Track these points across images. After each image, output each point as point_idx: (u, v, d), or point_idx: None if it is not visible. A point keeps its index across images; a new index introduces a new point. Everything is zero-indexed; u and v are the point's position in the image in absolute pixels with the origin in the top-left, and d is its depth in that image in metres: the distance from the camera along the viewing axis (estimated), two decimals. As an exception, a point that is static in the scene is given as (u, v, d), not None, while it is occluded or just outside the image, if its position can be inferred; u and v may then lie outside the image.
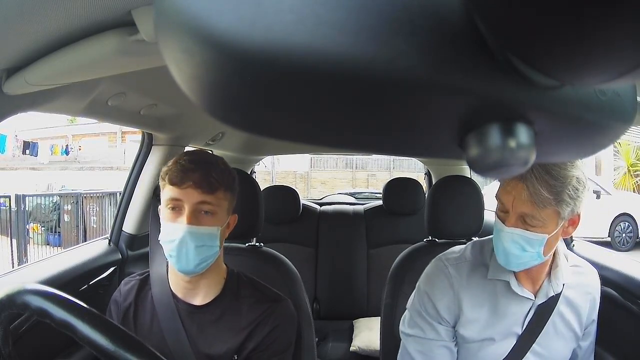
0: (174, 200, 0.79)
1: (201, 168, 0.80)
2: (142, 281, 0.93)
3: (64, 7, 0.53)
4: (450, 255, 0.93)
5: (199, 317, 0.87)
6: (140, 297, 0.90)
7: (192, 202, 0.79)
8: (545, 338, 0.86)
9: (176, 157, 0.84)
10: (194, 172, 0.79)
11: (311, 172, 13.56)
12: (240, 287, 0.90)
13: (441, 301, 0.87)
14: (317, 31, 0.14)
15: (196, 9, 0.14)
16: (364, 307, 2.04)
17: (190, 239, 0.78)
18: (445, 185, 1.23)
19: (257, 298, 0.89)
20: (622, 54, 0.14)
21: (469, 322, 0.87)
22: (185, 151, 0.87)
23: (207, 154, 0.87)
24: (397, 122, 0.19)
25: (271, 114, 0.18)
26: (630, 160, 9.68)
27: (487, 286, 0.87)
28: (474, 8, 0.16)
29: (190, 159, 0.81)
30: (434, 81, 0.16)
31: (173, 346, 0.84)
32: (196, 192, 0.79)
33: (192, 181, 0.78)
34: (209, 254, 0.81)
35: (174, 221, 0.80)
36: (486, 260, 0.88)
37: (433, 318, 0.88)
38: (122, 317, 0.89)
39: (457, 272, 0.88)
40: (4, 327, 0.62)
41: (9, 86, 0.69)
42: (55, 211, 6.83)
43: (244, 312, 0.87)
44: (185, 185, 0.78)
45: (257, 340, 0.85)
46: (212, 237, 0.81)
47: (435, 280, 0.89)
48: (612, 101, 0.21)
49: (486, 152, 0.18)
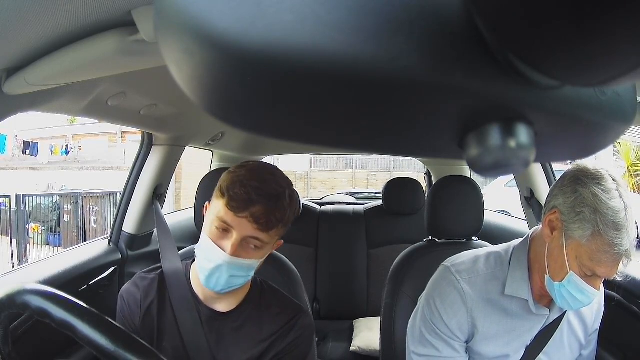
0: (225, 223, 0.73)
1: (265, 203, 0.72)
2: (160, 276, 0.88)
3: (64, 7, 0.53)
4: (460, 267, 0.87)
5: (219, 324, 0.84)
6: (162, 294, 0.86)
7: (243, 234, 0.73)
8: (552, 347, 0.85)
9: (244, 172, 0.75)
10: (256, 205, 0.72)
11: (311, 172, 13.56)
12: (262, 296, 0.88)
13: (454, 319, 0.84)
14: (316, 31, 0.14)
15: (196, 9, 0.14)
16: (364, 307, 2.04)
17: (227, 269, 0.74)
18: (445, 185, 1.23)
19: (280, 309, 0.86)
20: (621, 54, 0.14)
21: (485, 339, 0.84)
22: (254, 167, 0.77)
23: (280, 185, 0.76)
24: (397, 122, 0.19)
25: (271, 113, 0.18)
26: (630, 160, 9.68)
27: (502, 302, 0.83)
28: (474, 8, 0.16)
29: (258, 187, 0.72)
30: (433, 81, 0.16)
31: (192, 351, 0.82)
32: (251, 225, 0.72)
33: (251, 214, 0.71)
34: (240, 283, 0.78)
35: (217, 242, 0.75)
36: (502, 274, 0.84)
37: (447, 335, 0.85)
38: (144, 313, 0.84)
39: (471, 288, 0.84)
40: (4, 327, 0.62)
41: (9, 86, 0.69)
42: (55, 211, 6.83)
43: (266, 324, 0.84)
44: (243, 216, 0.72)
45: (276, 350, 0.84)
46: (250, 269, 0.78)
47: (447, 297, 0.85)
48: (612, 101, 0.21)
49: (486, 152, 0.18)
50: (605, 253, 0.70)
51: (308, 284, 1.94)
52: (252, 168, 0.76)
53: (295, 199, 0.79)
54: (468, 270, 0.86)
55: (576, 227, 0.72)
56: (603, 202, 0.70)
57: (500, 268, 0.85)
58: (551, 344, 0.85)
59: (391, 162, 12.66)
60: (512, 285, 0.82)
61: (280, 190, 0.75)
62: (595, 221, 0.70)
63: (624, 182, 0.76)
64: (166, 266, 0.90)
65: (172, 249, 1.00)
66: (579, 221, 0.72)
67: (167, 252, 0.98)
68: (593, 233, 0.70)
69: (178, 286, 0.86)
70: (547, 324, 0.84)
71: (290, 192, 0.78)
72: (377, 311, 1.29)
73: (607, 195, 0.71)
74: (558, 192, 0.77)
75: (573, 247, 0.73)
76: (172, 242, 1.06)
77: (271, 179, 0.75)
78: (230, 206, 0.72)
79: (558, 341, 0.86)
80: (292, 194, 0.78)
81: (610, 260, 0.71)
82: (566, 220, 0.74)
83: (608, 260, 0.71)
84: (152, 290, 0.85)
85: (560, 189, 0.77)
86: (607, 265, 0.71)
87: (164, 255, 0.96)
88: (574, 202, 0.73)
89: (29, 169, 11.10)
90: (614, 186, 0.72)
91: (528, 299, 0.81)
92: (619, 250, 0.69)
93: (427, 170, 2.56)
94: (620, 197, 0.71)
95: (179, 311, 0.83)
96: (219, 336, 0.83)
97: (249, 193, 0.72)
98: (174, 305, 0.84)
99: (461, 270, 0.86)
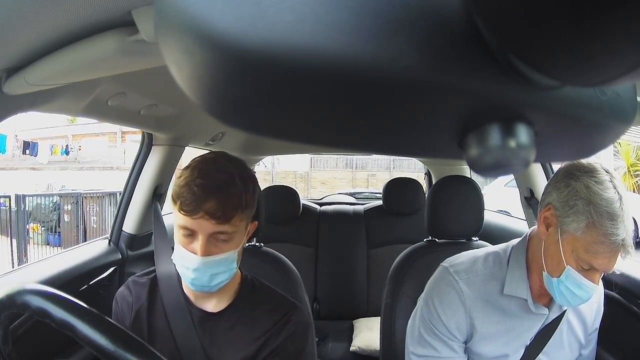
0: (187, 229, 0.73)
1: (215, 196, 0.71)
2: (152, 280, 0.89)
3: (64, 7, 0.53)
4: (459, 267, 0.87)
5: (212, 324, 0.84)
6: (153, 297, 0.87)
7: (206, 233, 0.73)
8: (551, 347, 0.85)
9: (188, 173, 0.74)
10: (207, 202, 0.70)
11: (311, 172, 13.57)
12: (254, 293, 0.87)
13: (452, 319, 0.84)
14: (316, 31, 0.14)
15: (196, 9, 0.14)
16: (364, 307, 2.04)
17: (205, 269, 0.74)
18: (445, 185, 1.23)
19: (272, 306, 0.86)
20: (621, 54, 0.14)
21: (484, 339, 0.84)
22: (197, 164, 0.75)
23: (226, 171, 0.74)
24: (397, 122, 0.19)
25: (271, 113, 0.18)
26: (630, 160, 9.68)
27: (501, 302, 0.83)
28: (474, 8, 0.16)
29: (203, 184, 0.71)
30: (433, 81, 0.16)
31: (185, 353, 0.82)
32: (210, 223, 0.71)
33: (205, 212, 0.70)
34: (225, 278, 0.78)
35: (187, 247, 0.75)
36: (501, 273, 0.84)
37: (445, 335, 0.84)
38: (133, 317, 0.85)
39: (469, 288, 0.84)
40: (4, 327, 0.62)
41: (9, 86, 0.69)
42: (55, 211, 6.84)
43: (259, 321, 0.84)
44: (198, 216, 0.71)
45: (271, 348, 0.84)
46: (228, 262, 0.77)
47: (445, 298, 0.85)
48: (612, 101, 0.21)
49: (486, 152, 0.18)
50: (601, 244, 0.70)
51: (308, 284, 1.94)
52: (194, 165, 0.75)
53: (249, 178, 0.76)
54: (466, 270, 0.86)
55: (570, 220, 0.72)
56: (596, 193, 0.70)
57: (498, 268, 0.85)
58: (551, 344, 0.84)
59: (391, 162, 12.66)
60: (511, 284, 0.82)
61: (226, 177, 0.73)
62: (589, 212, 0.70)
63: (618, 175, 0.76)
64: (159, 269, 0.90)
65: (166, 251, 1.00)
66: (573, 214, 0.72)
67: (162, 254, 0.97)
68: (587, 224, 0.70)
69: (170, 289, 0.86)
70: (546, 324, 0.84)
71: (240, 173, 0.75)
72: (377, 311, 1.29)
73: (600, 186, 0.71)
74: (552, 189, 0.77)
75: (569, 240, 0.73)
76: (168, 244, 1.05)
77: (214, 169, 0.74)
78: (184, 211, 0.71)
79: (557, 341, 0.85)
80: (243, 175, 0.75)
81: (607, 252, 0.70)
82: (560, 214, 0.74)
83: (604, 251, 0.70)
84: (143, 294, 0.86)
85: (553, 186, 0.77)
86: (604, 256, 0.71)
87: (158, 258, 0.96)
88: (567, 196, 0.73)
89: (29, 169, 11.11)
90: (607, 177, 0.72)
91: (527, 298, 0.81)
92: (614, 240, 0.69)
93: (427, 170, 2.56)
94: (614, 188, 0.71)
95: (171, 314, 0.84)
96: (213, 336, 0.84)
97: (195, 193, 0.71)
98: (166, 308, 0.85)
99: (459, 270, 0.86)
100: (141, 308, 0.86)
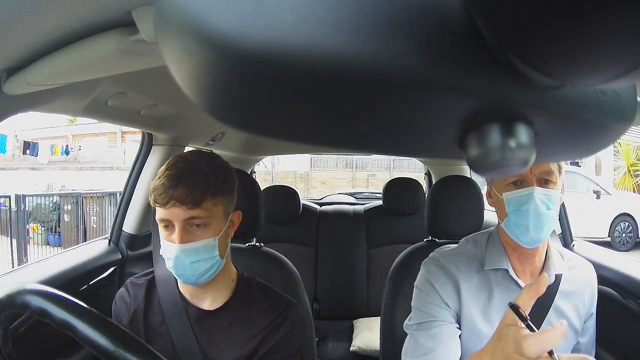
0: (163, 220, 0.77)
1: (183, 183, 0.75)
2: (150, 281, 0.91)
3: (64, 7, 0.53)
4: (444, 250, 0.94)
5: (209, 322, 0.85)
6: (150, 298, 0.88)
7: (179, 220, 0.76)
8: None
9: (162, 169, 0.79)
10: (176, 189, 0.75)
11: (311, 172, 13.57)
12: (250, 291, 0.88)
13: (443, 287, 0.88)
14: (317, 31, 0.14)
15: (196, 8, 0.14)
16: (364, 307, 2.04)
17: (184, 257, 0.76)
18: (445, 185, 1.23)
19: (269, 304, 0.87)
20: (622, 54, 0.14)
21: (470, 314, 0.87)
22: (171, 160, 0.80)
23: (191, 161, 0.79)
24: (397, 122, 0.19)
25: (271, 113, 0.18)
26: (630, 160, 9.69)
27: (484, 278, 0.88)
28: (474, 8, 0.16)
29: (171, 174, 0.76)
30: (433, 81, 0.16)
31: (182, 352, 0.82)
32: (181, 210, 0.75)
33: (175, 199, 0.75)
34: (208, 266, 0.79)
35: (167, 239, 0.78)
36: (481, 253, 0.90)
37: (439, 304, 0.88)
38: (130, 317, 0.87)
39: (456, 267, 0.89)
40: (4, 327, 0.62)
41: (9, 86, 0.69)
42: (55, 211, 6.84)
43: (256, 319, 0.85)
44: (170, 205, 0.75)
45: (268, 346, 0.84)
46: (208, 250, 0.78)
47: (434, 273, 0.90)
48: (612, 101, 0.21)
49: (486, 152, 0.18)
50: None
51: (308, 284, 1.94)
52: (167, 163, 0.80)
53: (219, 166, 0.80)
54: (451, 252, 0.93)
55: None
56: None
57: (478, 249, 0.92)
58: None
59: (391, 162, 12.66)
60: (491, 260, 0.88)
61: (191, 165, 0.78)
62: None
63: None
64: (157, 269, 0.91)
65: None
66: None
67: (159, 255, 0.98)
68: None
69: (167, 288, 0.88)
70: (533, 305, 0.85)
71: (207, 161, 0.79)
72: (377, 311, 1.29)
73: None
74: None
75: (495, 186, 0.85)
76: None
77: (181, 160, 0.79)
78: (158, 203, 0.76)
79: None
80: (211, 162, 0.80)
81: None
82: (491, 181, 0.89)
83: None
84: (140, 295, 0.88)
85: None
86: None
87: (156, 258, 0.97)
88: None
89: (29, 169, 11.11)
90: None
91: (507, 268, 0.86)
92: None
93: (427, 170, 2.56)
94: None
95: (167, 312, 0.85)
96: (210, 335, 0.84)
97: (165, 183, 0.76)
98: (163, 307, 0.86)
99: (445, 253, 0.93)
100: (138, 308, 0.87)
